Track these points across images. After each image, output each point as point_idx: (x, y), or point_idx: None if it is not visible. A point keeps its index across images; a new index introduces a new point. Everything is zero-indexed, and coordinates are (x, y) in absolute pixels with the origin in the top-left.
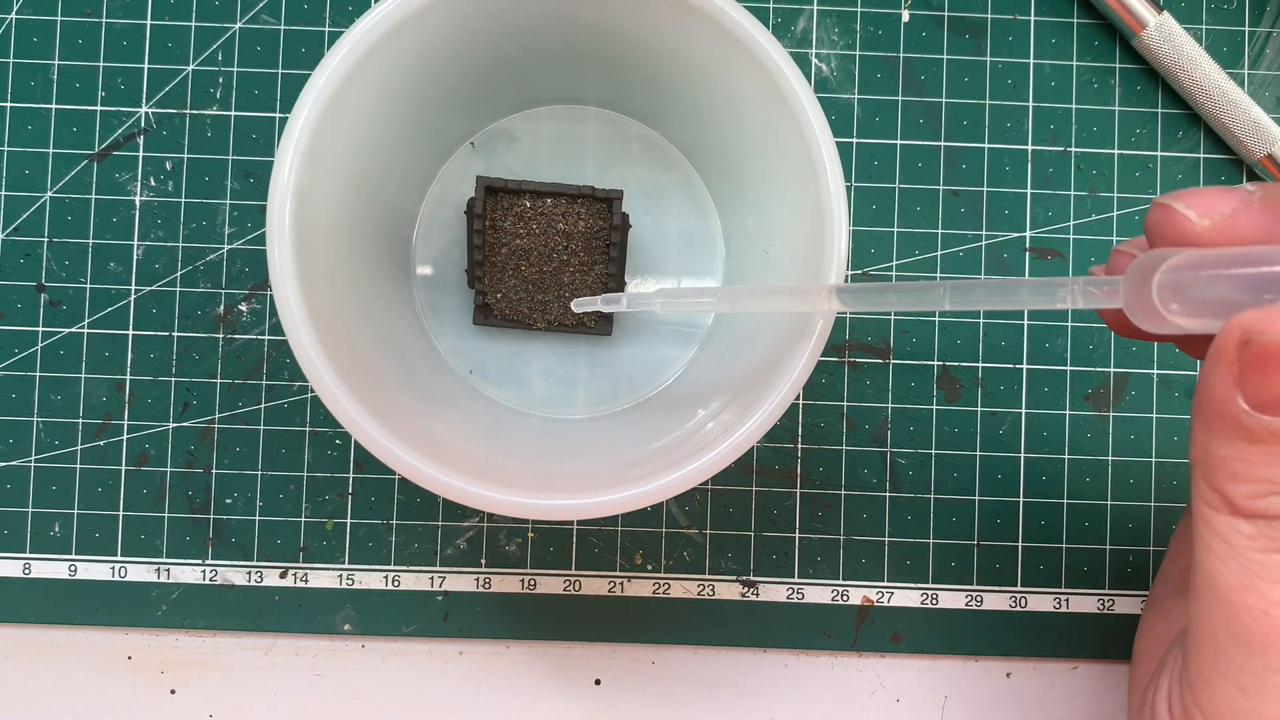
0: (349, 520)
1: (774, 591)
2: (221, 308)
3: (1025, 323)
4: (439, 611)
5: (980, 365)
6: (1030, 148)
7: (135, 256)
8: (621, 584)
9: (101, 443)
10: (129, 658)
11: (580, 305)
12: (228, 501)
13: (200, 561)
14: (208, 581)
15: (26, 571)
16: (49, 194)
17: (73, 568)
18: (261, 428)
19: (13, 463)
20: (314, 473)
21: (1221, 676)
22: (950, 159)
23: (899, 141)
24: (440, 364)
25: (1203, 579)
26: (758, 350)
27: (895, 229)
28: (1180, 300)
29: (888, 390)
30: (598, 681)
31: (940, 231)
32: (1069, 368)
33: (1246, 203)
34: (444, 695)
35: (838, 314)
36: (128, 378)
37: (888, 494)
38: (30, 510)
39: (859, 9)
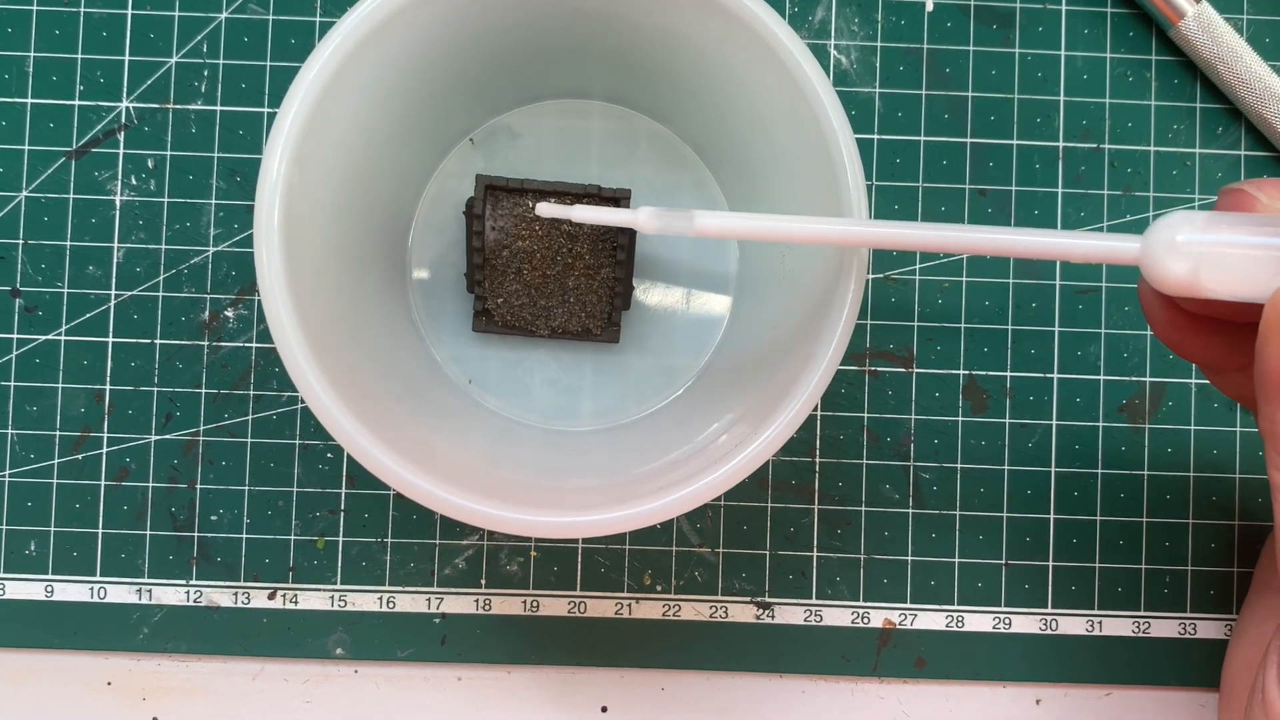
0: (341, 538)
1: (790, 613)
2: (206, 314)
3: (1056, 329)
4: (436, 634)
5: (1009, 374)
6: (1061, 144)
7: (115, 259)
8: (629, 606)
9: (79, 456)
10: (109, 683)
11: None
12: (213, 518)
13: (184, 582)
14: (192, 603)
15: (0, 592)
16: (24, 193)
17: (49, 588)
18: (249, 440)
19: None
20: (304, 488)
21: None
22: (977, 156)
23: (922, 138)
24: (438, 373)
25: None
26: (773, 359)
27: None
28: (1211, 265)
29: (911, 401)
30: (604, 709)
31: None
32: (1102, 377)
33: None
34: None
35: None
36: (107, 387)
37: (910, 510)
38: (4, 528)
39: None
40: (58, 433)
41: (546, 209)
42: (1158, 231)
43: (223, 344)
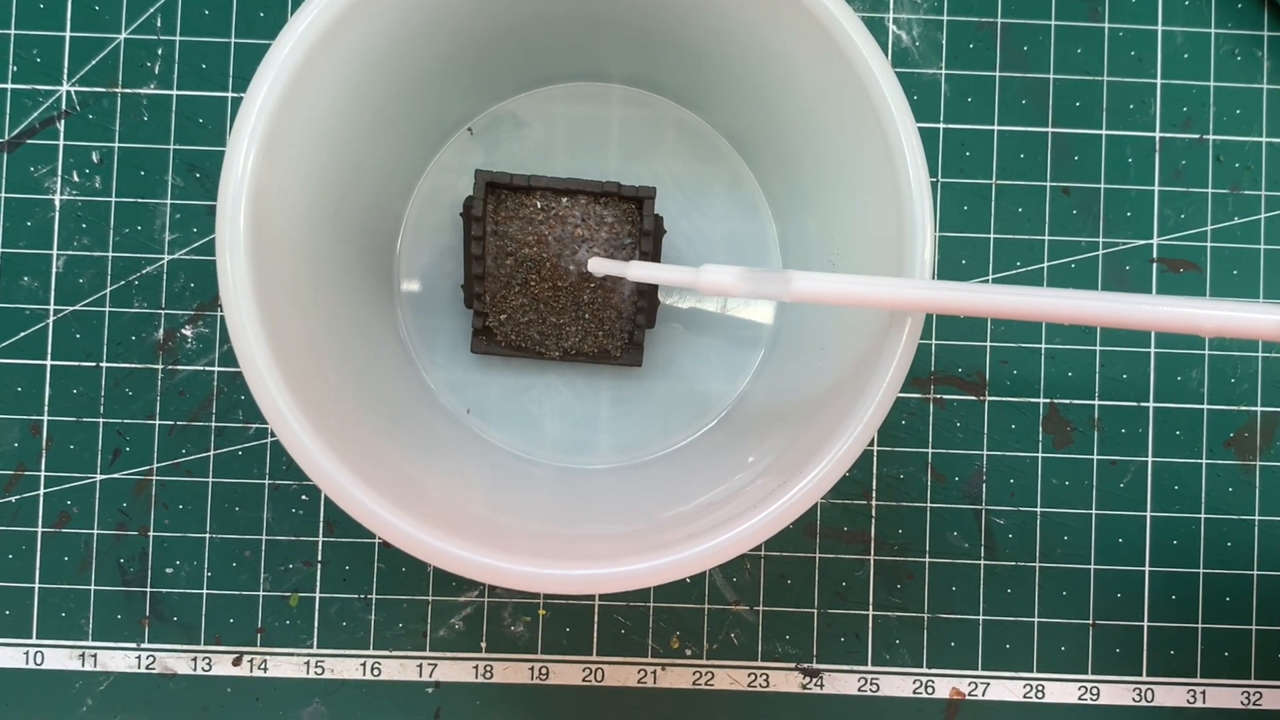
0: (318, 594)
1: (842, 682)
2: (160, 332)
3: (1152, 350)
4: (429, 706)
5: (1096, 403)
6: (1158, 135)
7: (54, 269)
8: (654, 673)
9: (13, 499)
10: None
11: (601, 268)
12: (168, 571)
13: (135, 645)
14: (144, 669)
15: None
16: None
17: None
18: (210, 480)
19: None
20: (275, 536)
21: None
22: (1060, 148)
23: (996, 127)
24: (431, 401)
25: None
26: (821, 384)
27: (991, 235)
28: None
29: (982, 434)
30: None
31: (1047, 238)
32: (1206, 406)
33: None
34: None
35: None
36: (45, 418)
37: (982, 562)
38: None
39: None
40: None
41: (600, 265)
42: None
43: (180, 367)
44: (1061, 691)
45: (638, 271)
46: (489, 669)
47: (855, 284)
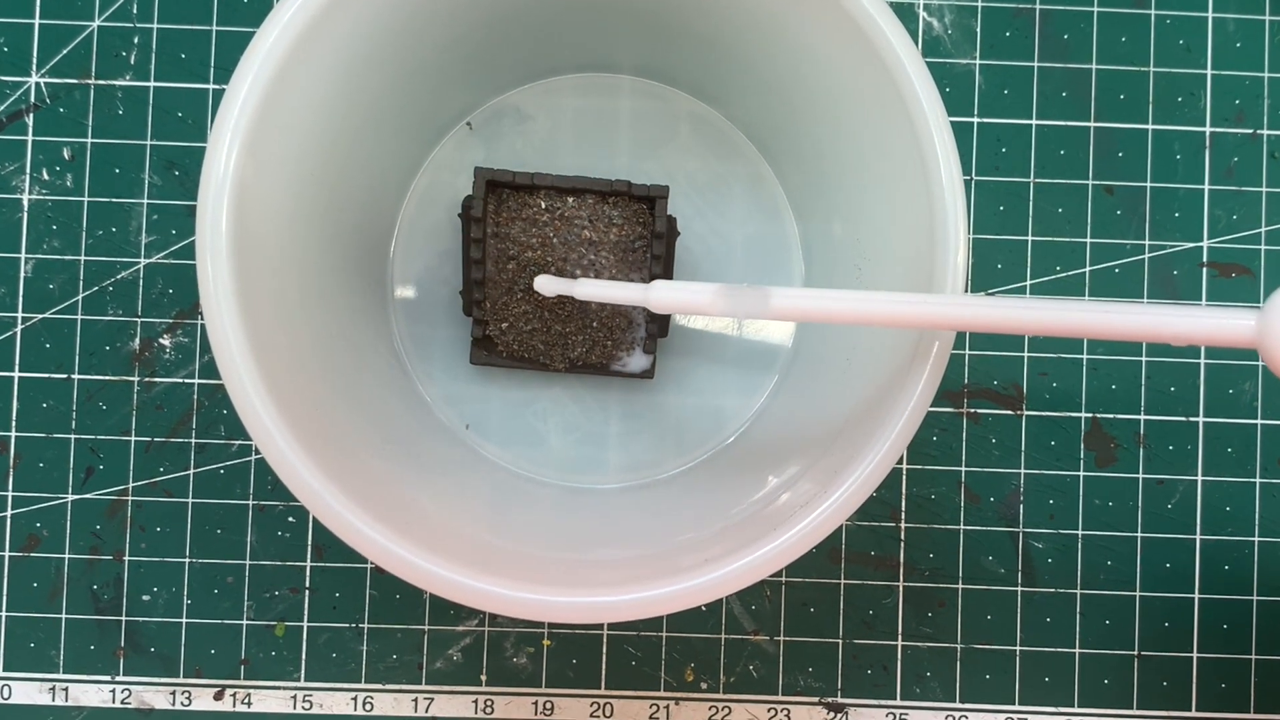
0: (306, 623)
1: (869, 717)
2: (137, 342)
3: (1201, 361)
4: None
5: (1142, 418)
6: (1208, 129)
7: (22, 273)
8: (667, 708)
9: None
10: None
11: (548, 287)
12: (145, 598)
13: (109, 678)
14: (119, 704)
15: None
16: None
17: None
18: (190, 500)
19: None
20: (260, 560)
21: None
22: (1102, 144)
23: (1034, 121)
24: (428, 417)
25: None
26: (848, 397)
27: (1029, 237)
28: None
29: (1019, 451)
30: None
31: (1089, 240)
32: (1260, 421)
33: None
34: None
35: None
36: (12, 434)
37: (1019, 588)
38: None
39: None
40: None
41: (545, 284)
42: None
43: (157, 380)
44: None
45: (586, 290)
46: (489, 704)
47: (840, 300)
